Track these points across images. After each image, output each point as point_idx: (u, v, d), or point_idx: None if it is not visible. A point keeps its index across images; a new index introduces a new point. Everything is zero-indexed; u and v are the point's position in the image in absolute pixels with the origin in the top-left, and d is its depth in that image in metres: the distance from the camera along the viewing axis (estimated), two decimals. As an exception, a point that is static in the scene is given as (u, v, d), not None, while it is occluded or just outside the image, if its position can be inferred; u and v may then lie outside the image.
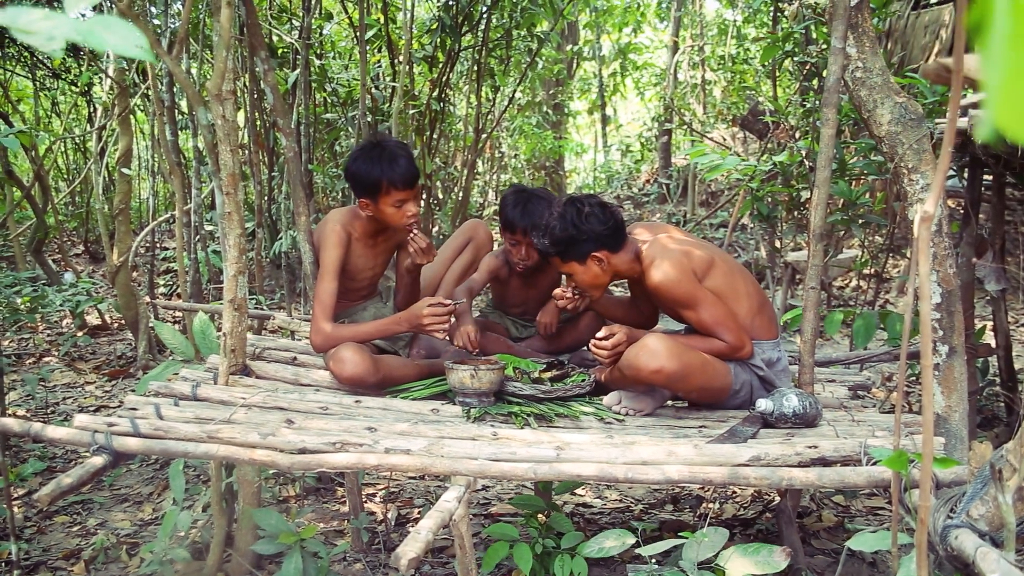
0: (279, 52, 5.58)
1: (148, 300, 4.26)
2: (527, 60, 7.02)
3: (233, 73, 2.22)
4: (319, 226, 2.72)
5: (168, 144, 4.19)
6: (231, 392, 2.24)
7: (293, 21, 6.00)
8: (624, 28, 11.46)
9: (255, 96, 5.29)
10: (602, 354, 2.29)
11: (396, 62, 5.83)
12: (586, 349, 2.61)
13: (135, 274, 6.70)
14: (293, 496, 3.29)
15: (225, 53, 2.16)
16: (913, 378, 3.96)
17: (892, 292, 6.33)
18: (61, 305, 5.21)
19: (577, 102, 12.81)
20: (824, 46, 4.11)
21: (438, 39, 5.52)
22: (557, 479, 1.82)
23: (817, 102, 3.82)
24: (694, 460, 1.74)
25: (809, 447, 1.79)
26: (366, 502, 3.13)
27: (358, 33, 4.93)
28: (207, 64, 5.87)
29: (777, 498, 2.82)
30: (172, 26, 4.69)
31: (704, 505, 3.18)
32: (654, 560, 2.07)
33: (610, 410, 2.31)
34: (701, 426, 2.21)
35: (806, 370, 2.26)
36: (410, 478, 3.50)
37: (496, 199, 10.35)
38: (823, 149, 2.14)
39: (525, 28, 6.21)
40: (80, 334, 5.71)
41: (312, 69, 5.47)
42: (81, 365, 5.17)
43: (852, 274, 6.70)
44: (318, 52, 6.13)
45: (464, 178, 6.74)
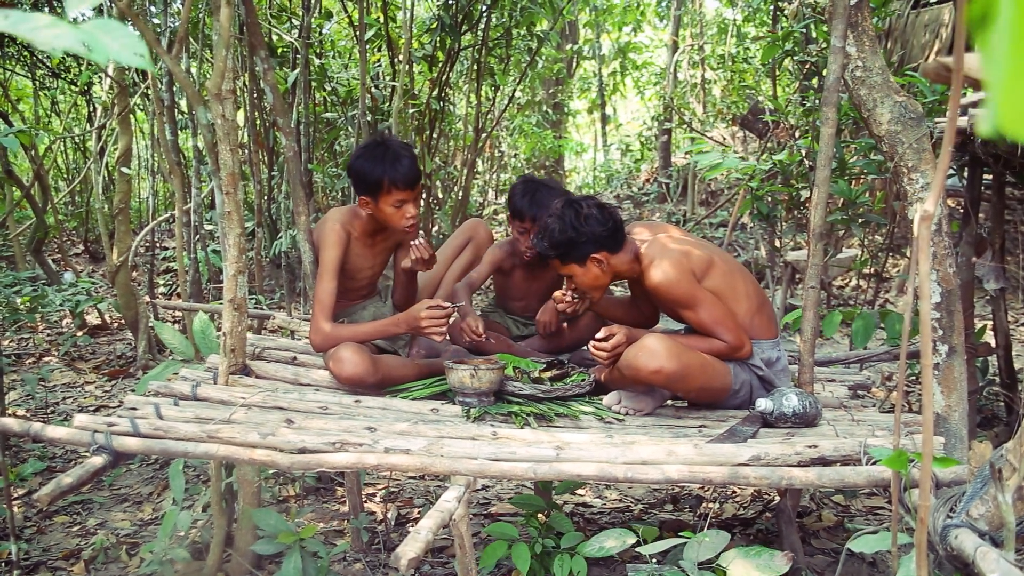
0: (279, 51, 5.58)
1: (148, 300, 4.26)
2: (527, 59, 7.02)
3: (233, 72, 2.22)
4: (318, 225, 2.72)
5: (168, 143, 4.19)
6: (231, 392, 2.25)
7: (293, 20, 6.00)
8: (624, 27, 11.46)
9: (255, 95, 5.28)
10: (601, 355, 2.29)
11: (396, 61, 5.83)
12: (586, 349, 2.62)
13: (135, 274, 6.69)
14: (293, 496, 3.29)
15: (225, 52, 2.16)
16: (913, 378, 3.96)
17: (892, 291, 6.33)
18: (61, 305, 5.20)
19: (577, 101, 12.81)
20: (824, 45, 4.11)
21: (438, 38, 5.52)
22: (557, 479, 1.82)
23: (817, 101, 3.82)
24: (694, 460, 1.74)
25: (809, 447, 1.79)
26: (366, 502, 3.13)
27: (358, 32, 4.93)
28: (207, 63, 5.87)
29: (777, 498, 2.82)
30: (172, 25, 4.68)
31: (704, 505, 3.18)
32: (654, 560, 2.07)
33: (610, 410, 2.31)
34: (701, 426, 2.21)
35: (806, 369, 2.26)
36: (410, 478, 3.50)
37: (496, 199, 10.36)
38: (823, 148, 2.14)
39: (525, 27, 6.21)
40: (80, 334, 5.70)
41: (312, 68, 5.46)
42: (81, 365, 5.17)
43: (852, 273, 6.70)
44: (318, 51, 6.12)
45: (464, 177, 6.74)
